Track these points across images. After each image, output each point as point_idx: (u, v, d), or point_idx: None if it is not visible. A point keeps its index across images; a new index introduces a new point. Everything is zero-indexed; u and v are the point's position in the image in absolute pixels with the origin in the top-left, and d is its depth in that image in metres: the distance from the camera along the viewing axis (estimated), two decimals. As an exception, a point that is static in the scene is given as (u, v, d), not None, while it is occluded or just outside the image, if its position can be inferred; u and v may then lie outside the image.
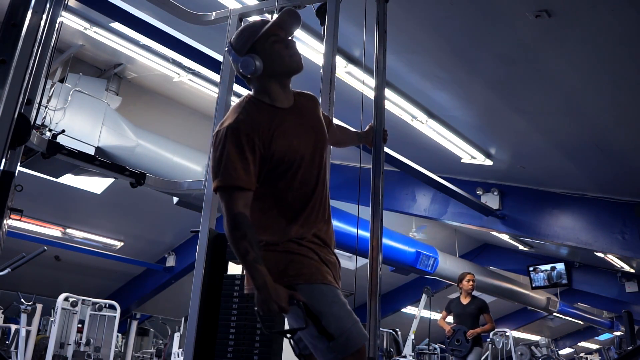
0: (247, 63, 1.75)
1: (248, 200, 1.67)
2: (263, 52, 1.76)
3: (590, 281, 11.12)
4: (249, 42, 1.78)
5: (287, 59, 1.78)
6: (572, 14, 3.65)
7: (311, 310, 1.63)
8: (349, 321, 1.64)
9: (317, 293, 1.66)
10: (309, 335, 1.65)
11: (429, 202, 7.58)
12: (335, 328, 1.61)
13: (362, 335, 1.65)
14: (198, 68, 5.41)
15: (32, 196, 7.28)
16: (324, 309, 1.63)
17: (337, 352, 1.61)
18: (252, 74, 1.77)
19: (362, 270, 2.31)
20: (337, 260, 1.86)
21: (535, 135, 5.64)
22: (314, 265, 1.71)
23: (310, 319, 1.62)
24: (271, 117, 1.75)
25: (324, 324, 1.61)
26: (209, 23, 3.50)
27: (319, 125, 1.89)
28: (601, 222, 6.60)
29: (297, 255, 1.71)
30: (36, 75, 2.54)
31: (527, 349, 11.38)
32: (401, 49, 4.38)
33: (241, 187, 1.65)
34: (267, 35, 1.77)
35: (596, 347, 20.34)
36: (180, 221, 8.58)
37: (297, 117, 1.81)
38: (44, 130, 4.99)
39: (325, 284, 1.70)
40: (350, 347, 1.62)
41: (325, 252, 1.79)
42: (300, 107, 1.86)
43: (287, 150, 1.72)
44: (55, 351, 7.39)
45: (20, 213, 2.68)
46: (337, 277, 1.80)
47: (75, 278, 10.30)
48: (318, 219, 1.80)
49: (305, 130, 1.81)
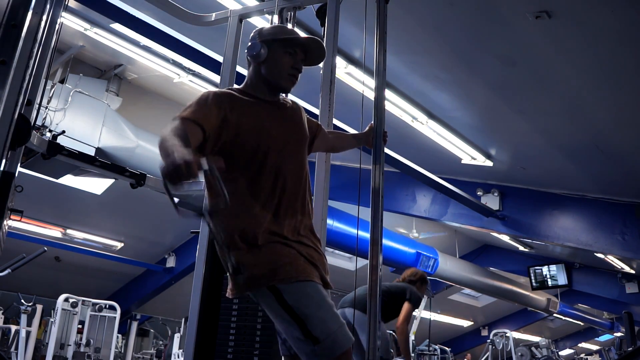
0: (255, 46, 1.83)
1: (198, 136, 1.65)
2: (272, 52, 1.83)
3: (591, 282, 11.12)
4: (272, 35, 1.85)
5: (284, 74, 1.84)
6: (572, 14, 3.65)
7: (296, 312, 1.62)
8: (335, 324, 1.63)
9: (303, 295, 1.64)
10: (294, 337, 1.64)
11: (429, 203, 7.59)
12: (321, 331, 1.60)
13: (347, 338, 1.64)
14: (198, 69, 5.41)
15: (32, 197, 7.28)
16: (310, 312, 1.62)
17: (322, 356, 1.60)
18: (252, 57, 1.84)
19: (362, 271, 2.31)
20: (323, 256, 1.85)
21: (536, 136, 5.64)
22: (300, 265, 1.69)
23: (296, 322, 1.61)
24: (250, 102, 1.82)
25: (309, 327, 1.60)
26: (209, 24, 3.50)
27: (299, 124, 1.92)
28: (601, 223, 6.60)
29: (282, 257, 1.69)
30: (36, 76, 2.54)
31: (528, 349, 11.38)
32: (401, 49, 4.38)
33: (196, 121, 1.66)
34: (289, 44, 1.84)
35: (596, 348, 20.35)
36: (181, 222, 8.58)
37: (276, 110, 1.87)
38: (44, 131, 4.99)
39: (311, 285, 1.68)
40: (336, 351, 1.61)
41: (311, 251, 1.78)
42: (283, 104, 1.92)
43: (256, 128, 1.76)
44: (55, 352, 7.39)
45: (21, 214, 2.68)
46: (324, 274, 1.79)
47: (75, 279, 10.31)
48: (296, 212, 1.79)
49: (282, 121, 1.85)
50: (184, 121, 1.64)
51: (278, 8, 3.09)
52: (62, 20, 2.73)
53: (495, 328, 13.66)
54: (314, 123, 2.07)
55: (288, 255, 1.70)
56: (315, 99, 2.75)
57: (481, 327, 16.92)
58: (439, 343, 12.09)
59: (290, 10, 3.13)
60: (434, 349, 10.73)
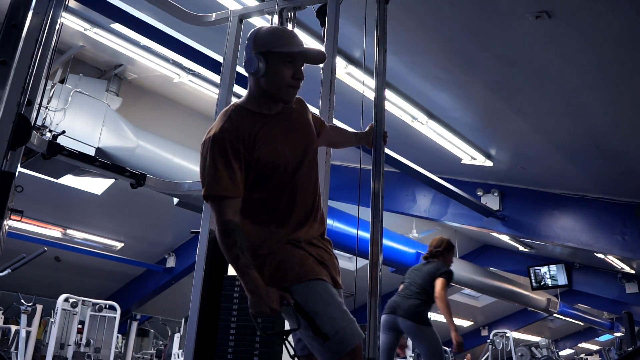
0: (252, 62, 1.75)
1: (237, 207, 1.71)
2: (270, 64, 1.75)
3: (591, 282, 11.12)
4: (268, 46, 1.75)
5: (283, 86, 1.76)
6: (572, 14, 3.65)
7: (305, 310, 1.65)
8: (344, 321, 1.65)
9: (311, 293, 1.68)
10: (307, 335, 1.67)
11: (429, 203, 7.58)
12: (330, 328, 1.63)
13: (357, 334, 1.66)
14: (198, 69, 5.41)
15: (33, 197, 7.28)
16: (319, 309, 1.65)
17: (332, 352, 1.63)
18: (251, 74, 1.78)
19: (362, 271, 2.31)
20: (334, 257, 1.87)
21: (536, 136, 5.64)
22: (309, 265, 1.72)
23: (305, 320, 1.64)
24: (255, 123, 1.77)
25: (318, 324, 1.63)
26: (210, 24, 3.50)
27: (307, 128, 1.91)
28: (601, 223, 6.60)
29: (292, 257, 1.73)
30: (36, 76, 2.54)
31: (528, 350, 11.37)
32: (401, 49, 4.38)
33: (227, 196, 1.68)
34: (287, 54, 1.75)
35: (596, 348, 20.34)
36: (181, 222, 8.58)
37: (283, 122, 1.83)
38: (45, 131, 5.00)
39: (320, 283, 1.70)
40: (346, 347, 1.63)
41: (321, 251, 1.81)
42: (288, 112, 1.87)
43: (271, 154, 1.74)
44: (55, 352, 7.38)
45: (21, 214, 2.68)
46: (334, 273, 1.81)
47: (75, 279, 10.31)
48: (309, 220, 1.82)
49: (292, 135, 1.83)
50: (219, 206, 1.69)
51: (278, 8, 3.10)
52: (62, 20, 2.72)
53: (495, 328, 13.64)
54: (318, 120, 2.06)
55: (297, 256, 1.73)
56: (315, 99, 2.75)
57: (481, 327, 16.92)
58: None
59: (290, 11, 3.13)
60: (434, 349, 10.71)
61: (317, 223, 1.86)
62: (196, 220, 3.17)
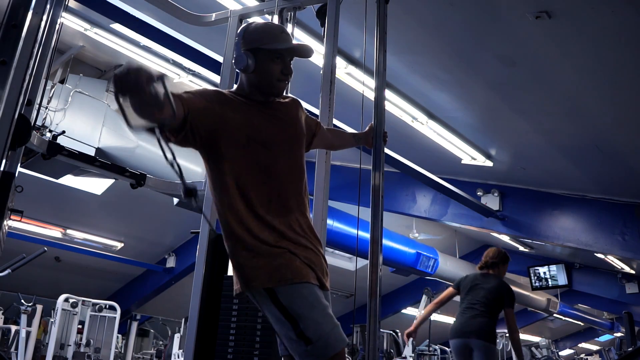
0: (241, 59, 1.79)
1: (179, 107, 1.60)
2: (259, 61, 1.78)
3: (591, 282, 11.12)
4: (256, 43, 1.78)
5: (274, 81, 1.80)
6: (572, 14, 3.65)
7: (290, 313, 1.62)
8: (328, 325, 1.63)
9: (297, 296, 1.65)
10: (288, 338, 1.64)
11: (429, 203, 7.58)
12: (313, 332, 1.60)
13: (340, 339, 1.64)
14: (198, 69, 5.41)
15: (33, 197, 7.28)
16: (303, 313, 1.62)
17: (315, 356, 1.60)
18: (241, 70, 1.82)
19: (362, 271, 2.31)
20: (322, 257, 1.83)
21: (536, 136, 5.64)
22: (296, 267, 1.69)
23: (289, 322, 1.62)
24: (241, 101, 1.80)
25: (302, 327, 1.60)
26: (209, 24, 3.50)
27: (292, 119, 1.89)
28: (601, 223, 6.60)
29: (277, 258, 1.69)
30: (36, 76, 2.54)
31: (528, 350, 11.39)
32: (401, 50, 4.38)
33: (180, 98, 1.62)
34: (275, 51, 1.78)
35: (596, 348, 20.35)
36: (181, 222, 8.58)
37: (268, 109, 1.84)
38: (45, 131, 4.99)
39: (307, 286, 1.68)
40: (329, 352, 1.60)
41: (309, 253, 1.77)
42: (277, 103, 1.88)
43: (245, 123, 1.75)
44: (55, 352, 7.38)
45: (21, 214, 2.68)
46: (322, 275, 1.78)
47: (75, 279, 10.31)
48: (290, 211, 1.78)
49: (274, 119, 1.83)
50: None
51: (278, 8, 3.10)
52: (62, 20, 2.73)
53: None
54: (313, 121, 2.05)
55: (283, 257, 1.70)
56: (315, 99, 2.75)
57: (481, 327, 16.89)
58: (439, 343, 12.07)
59: (290, 11, 3.13)
60: (434, 349, 10.72)
61: (301, 216, 1.82)
62: (196, 220, 3.17)
